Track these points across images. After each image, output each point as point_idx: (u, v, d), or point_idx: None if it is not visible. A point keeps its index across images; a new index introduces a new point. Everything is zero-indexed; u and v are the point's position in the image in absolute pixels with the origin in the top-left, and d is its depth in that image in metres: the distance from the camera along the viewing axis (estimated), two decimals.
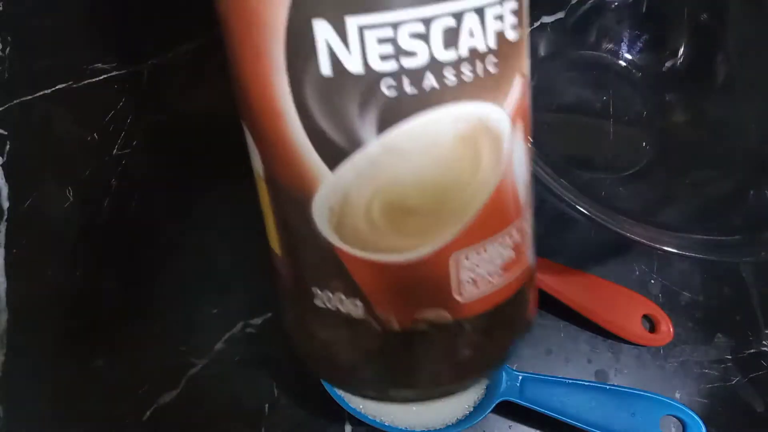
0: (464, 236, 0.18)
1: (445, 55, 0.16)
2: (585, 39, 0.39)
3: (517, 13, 0.18)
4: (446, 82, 0.17)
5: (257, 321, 0.32)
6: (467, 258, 0.19)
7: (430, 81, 0.16)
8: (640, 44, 0.40)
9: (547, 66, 0.39)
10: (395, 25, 0.16)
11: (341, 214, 0.18)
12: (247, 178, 0.20)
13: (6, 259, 0.30)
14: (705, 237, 0.31)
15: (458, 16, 0.16)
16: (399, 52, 0.16)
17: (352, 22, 0.16)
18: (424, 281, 0.19)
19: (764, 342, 0.36)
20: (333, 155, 0.17)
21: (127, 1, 0.35)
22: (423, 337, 0.19)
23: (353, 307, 0.19)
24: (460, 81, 0.17)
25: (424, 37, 0.16)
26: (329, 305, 0.19)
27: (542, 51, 0.38)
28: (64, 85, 0.30)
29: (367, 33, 0.16)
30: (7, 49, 0.29)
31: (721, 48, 0.37)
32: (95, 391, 0.30)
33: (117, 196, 0.31)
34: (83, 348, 0.30)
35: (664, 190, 0.37)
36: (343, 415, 0.30)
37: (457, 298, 0.19)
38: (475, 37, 0.17)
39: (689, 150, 0.37)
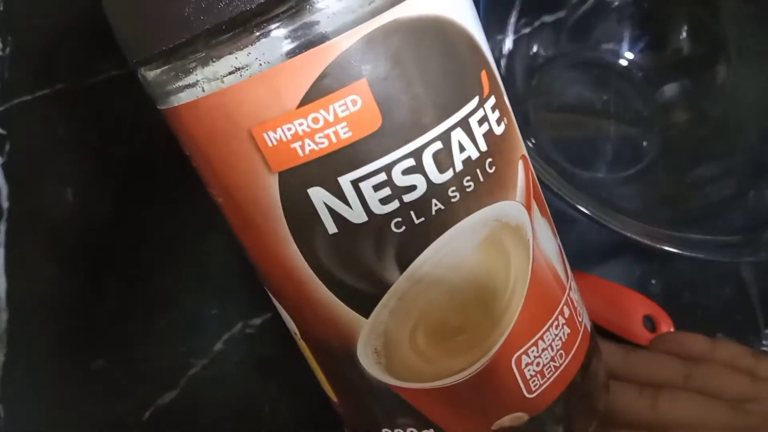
0: (517, 335, 0.18)
1: (442, 177, 0.16)
2: (585, 38, 0.39)
3: (497, 106, 0.18)
4: (451, 200, 0.16)
5: (257, 321, 0.32)
6: (527, 354, 0.18)
7: (435, 205, 0.16)
8: (640, 44, 0.39)
9: (548, 66, 0.39)
10: (387, 168, 0.15)
11: (387, 354, 0.17)
12: None
13: (6, 259, 0.30)
14: (705, 237, 0.31)
15: (445, 137, 0.16)
16: (397, 191, 0.16)
17: (346, 180, 0.15)
18: (491, 391, 0.18)
19: (764, 342, 0.36)
20: (363, 303, 0.17)
21: None
22: None
23: None
24: (464, 194, 0.16)
25: (418, 169, 0.16)
26: None
27: (542, 51, 0.38)
28: (64, 85, 0.30)
29: (361, 185, 0.16)
30: (7, 49, 0.29)
31: (722, 48, 0.37)
32: (95, 391, 0.30)
33: (117, 196, 0.31)
34: (83, 348, 0.30)
35: (664, 190, 0.37)
36: None
37: (528, 395, 0.18)
38: (466, 148, 0.16)
39: (689, 150, 0.37)
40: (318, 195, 0.16)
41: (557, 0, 0.37)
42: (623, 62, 0.40)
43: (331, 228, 0.16)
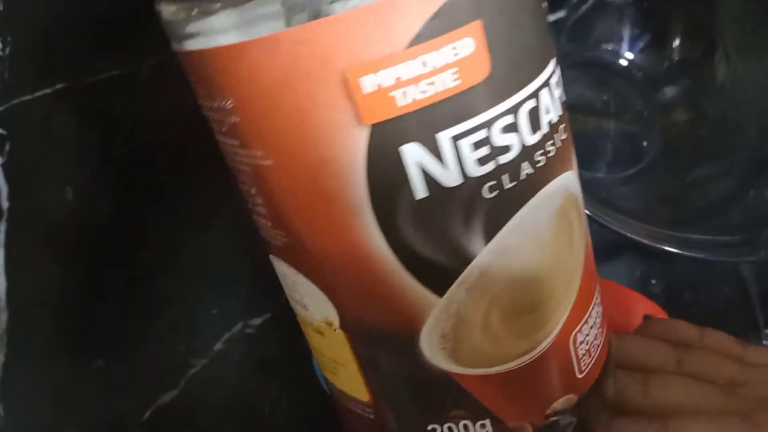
0: (575, 312, 0.17)
1: (533, 138, 0.15)
2: (586, 38, 0.39)
3: (558, 74, 0.18)
4: (537, 164, 0.15)
5: (257, 321, 0.32)
6: (581, 332, 0.17)
7: (525, 169, 0.15)
8: (640, 44, 0.39)
9: None
10: (488, 124, 0.14)
11: (456, 337, 0.16)
12: None
13: (6, 259, 0.30)
14: (705, 237, 0.31)
15: (536, 95, 0.15)
16: (495, 152, 0.15)
17: (446, 136, 0.14)
18: (550, 373, 0.17)
19: (764, 342, 0.36)
20: (440, 280, 0.15)
21: (127, 0, 0.35)
22: (554, 429, 0.18)
23: (482, 431, 0.17)
24: (547, 159, 0.16)
25: (515, 127, 0.15)
26: None
27: None
28: (64, 85, 0.30)
29: (461, 142, 0.14)
30: (7, 49, 0.29)
31: (721, 46, 0.37)
32: (95, 391, 0.30)
33: (117, 196, 0.31)
34: (83, 348, 0.30)
35: (664, 190, 0.37)
36: None
37: (579, 375, 0.18)
38: (550, 110, 0.16)
39: (689, 150, 0.37)
40: (412, 153, 0.14)
41: (557, 0, 0.37)
42: (623, 62, 0.40)
43: (420, 192, 0.14)
